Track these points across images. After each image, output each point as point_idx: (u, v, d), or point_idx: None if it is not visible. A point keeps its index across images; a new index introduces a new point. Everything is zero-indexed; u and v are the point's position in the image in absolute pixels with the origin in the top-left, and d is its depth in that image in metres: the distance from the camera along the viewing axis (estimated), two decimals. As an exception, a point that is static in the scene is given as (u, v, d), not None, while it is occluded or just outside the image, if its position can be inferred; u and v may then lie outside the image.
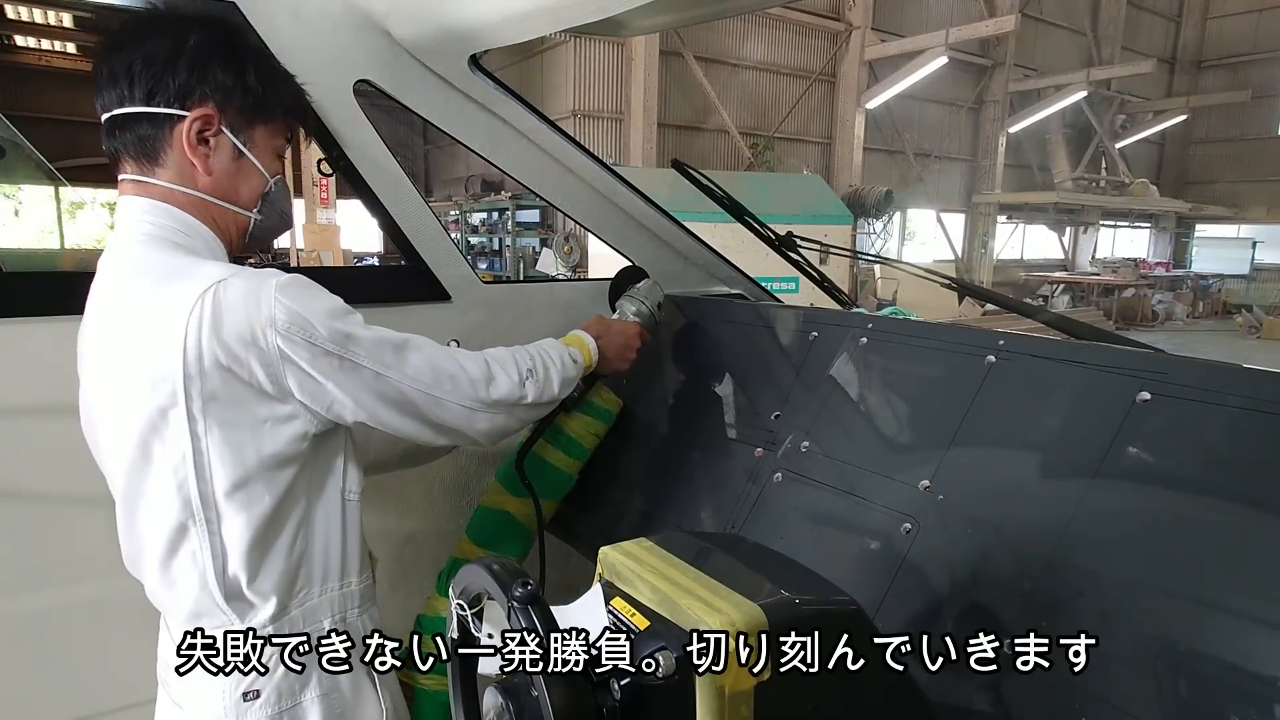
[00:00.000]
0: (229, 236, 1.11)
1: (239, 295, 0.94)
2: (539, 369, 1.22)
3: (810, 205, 9.93)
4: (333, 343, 0.98)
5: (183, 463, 0.96)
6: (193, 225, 1.05)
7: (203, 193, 1.06)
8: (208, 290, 0.93)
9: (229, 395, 0.95)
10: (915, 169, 16.31)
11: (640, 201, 1.84)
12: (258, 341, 0.94)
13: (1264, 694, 0.73)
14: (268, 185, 1.13)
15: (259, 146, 1.11)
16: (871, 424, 1.25)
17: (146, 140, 1.03)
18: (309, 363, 0.97)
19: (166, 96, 1.02)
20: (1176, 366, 0.93)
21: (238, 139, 1.08)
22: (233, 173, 1.08)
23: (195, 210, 1.06)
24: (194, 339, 0.92)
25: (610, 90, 12.71)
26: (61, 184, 11.85)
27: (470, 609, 0.74)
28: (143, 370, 0.95)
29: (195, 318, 0.92)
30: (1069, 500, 0.93)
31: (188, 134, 1.02)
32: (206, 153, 1.05)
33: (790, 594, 0.75)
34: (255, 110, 1.08)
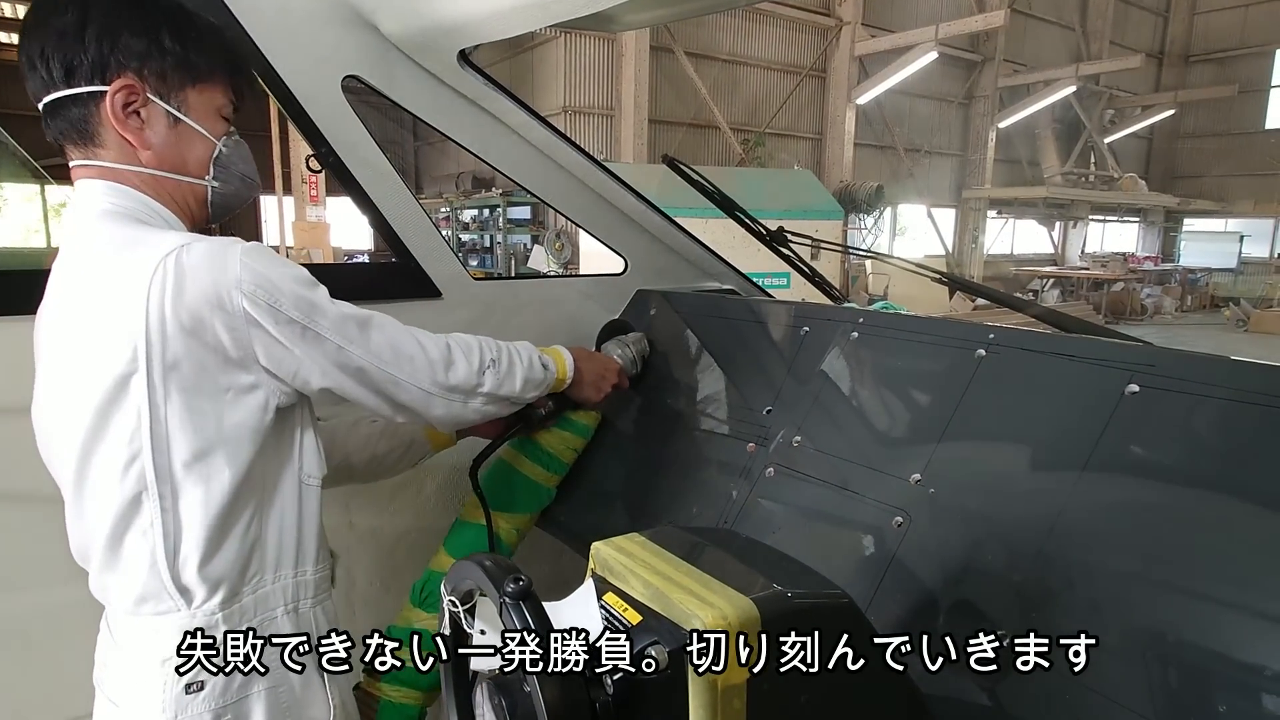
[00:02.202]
0: (188, 210, 1.08)
1: (203, 258, 0.91)
2: (502, 362, 1.20)
3: (801, 200, 9.95)
4: (298, 310, 0.97)
5: (139, 431, 0.93)
6: (149, 204, 1.02)
7: (148, 168, 1.02)
8: (170, 254, 0.91)
9: (192, 362, 0.93)
10: (906, 164, 16.35)
11: (631, 197, 1.84)
12: (223, 304, 0.92)
13: (1253, 683, 0.73)
14: (215, 149, 1.07)
15: (196, 109, 1.05)
16: (863, 418, 1.25)
17: (79, 123, 1.00)
18: (274, 328, 0.95)
19: (84, 74, 0.98)
20: (1165, 359, 0.93)
21: (169, 105, 1.02)
22: (173, 142, 1.03)
23: (147, 188, 1.03)
24: (156, 303, 0.90)
25: (601, 86, 12.68)
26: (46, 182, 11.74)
27: (462, 605, 0.74)
28: (103, 338, 0.92)
29: (158, 282, 0.90)
30: (1059, 492, 0.94)
31: (112, 109, 0.98)
32: (139, 125, 1.01)
33: (782, 588, 0.75)
34: (180, 72, 1.02)
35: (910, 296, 10.52)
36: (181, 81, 1.03)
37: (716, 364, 1.60)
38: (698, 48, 13.26)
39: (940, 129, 16.92)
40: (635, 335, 1.65)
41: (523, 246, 13.50)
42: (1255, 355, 0.91)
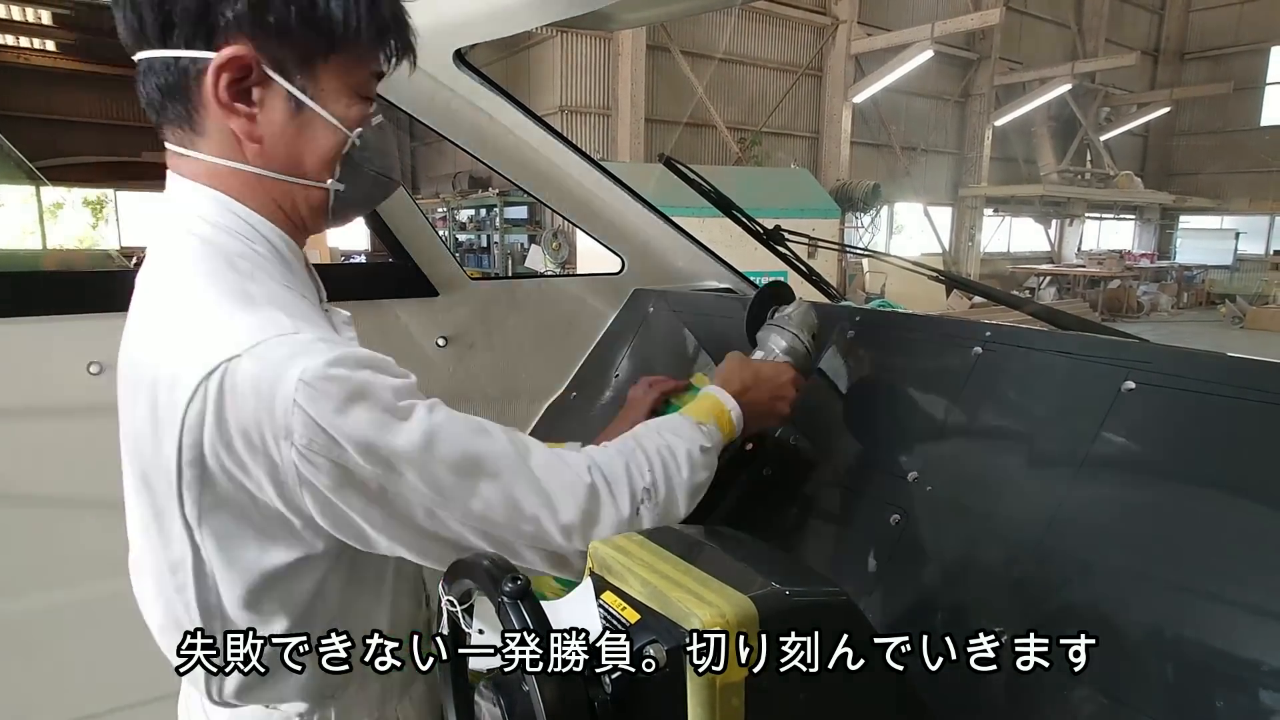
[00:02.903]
0: (299, 219, 0.83)
1: (249, 387, 0.67)
2: (659, 487, 0.86)
3: (798, 199, 9.96)
4: (369, 468, 0.70)
5: (183, 563, 0.76)
6: (252, 224, 0.79)
7: (252, 167, 0.77)
8: (211, 375, 0.67)
9: (233, 504, 0.73)
10: (902, 163, 16.36)
11: (628, 197, 1.84)
12: (269, 451, 0.68)
13: (1251, 678, 0.74)
14: (346, 143, 0.80)
15: (327, 90, 0.77)
16: (859, 416, 1.25)
17: (172, 96, 0.75)
18: (333, 489, 0.70)
19: (183, 31, 0.72)
20: (1161, 356, 0.93)
21: (292, 84, 0.75)
22: (292, 134, 0.77)
23: (250, 195, 0.78)
24: (192, 437, 0.69)
25: (597, 86, 12.68)
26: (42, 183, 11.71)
27: (460, 605, 0.74)
28: (145, 444, 0.75)
29: (195, 412, 0.68)
30: (1056, 489, 0.94)
31: (215, 88, 0.73)
32: (249, 111, 0.75)
33: (781, 586, 0.75)
34: (309, 36, 0.74)
35: (907, 295, 10.54)
36: (311, 49, 0.75)
37: (714, 363, 1.60)
38: (694, 47, 13.25)
39: (936, 127, 16.93)
40: (798, 311, 1.18)
41: (520, 246, 13.49)
42: (1251, 352, 0.91)
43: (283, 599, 0.78)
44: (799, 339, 1.15)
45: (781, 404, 1.08)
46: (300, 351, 0.68)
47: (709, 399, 1.01)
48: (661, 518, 0.87)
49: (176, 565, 0.76)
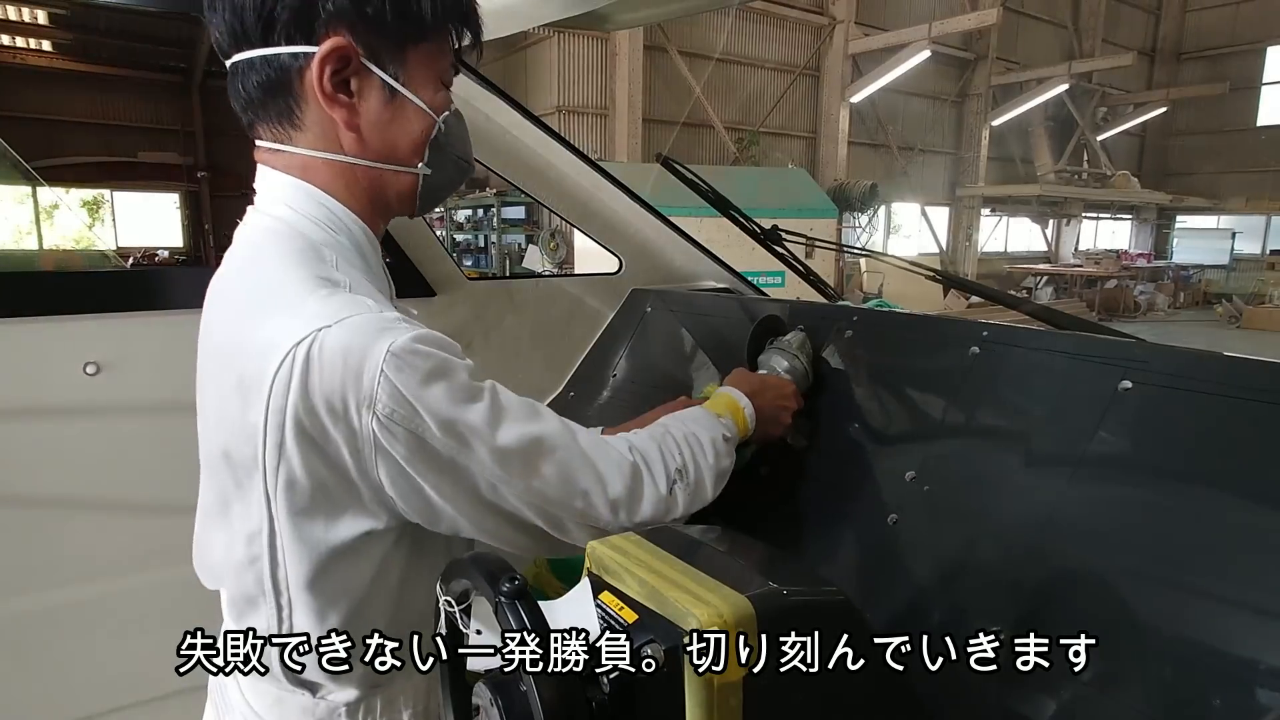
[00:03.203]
0: (385, 208, 0.87)
1: (338, 356, 0.70)
2: (689, 469, 0.92)
3: (795, 199, 9.97)
4: (445, 439, 0.74)
5: (259, 535, 0.78)
6: (339, 215, 0.82)
7: (349, 155, 0.81)
8: (301, 343, 0.70)
9: (311, 479, 0.74)
10: (900, 162, 16.39)
11: (625, 197, 1.84)
12: (349, 418, 0.71)
13: (1247, 677, 0.74)
14: (435, 128, 0.84)
15: (416, 76, 0.81)
16: (856, 416, 1.25)
17: (273, 93, 0.78)
18: (407, 459, 0.73)
19: (284, 28, 0.75)
20: (1158, 355, 0.94)
21: (385, 73, 0.79)
22: (386, 121, 0.81)
23: (341, 186, 0.82)
24: (278, 406, 0.71)
25: (595, 86, 12.68)
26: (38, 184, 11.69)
27: (457, 605, 0.74)
28: (232, 421, 0.76)
29: (283, 378, 0.70)
30: (1053, 489, 0.94)
31: (319, 79, 0.76)
32: (349, 100, 0.78)
33: (778, 586, 0.75)
34: (401, 25, 0.78)
35: (904, 294, 10.55)
36: (402, 38, 0.79)
37: (711, 363, 1.60)
38: (691, 47, 13.26)
39: (934, 127, 16.96)
40: (798, 338, 1.28)
41: (517, 246, 13.49)
42: (1248, 351, 0.91)
43: (345, 580, 0.80)
44: (798, 359, 1.25)
45: (785, 413, 1.15)
46: (388, 327, 0.72)
47: (725, 397, 1.08)
48: (692, 499, 0.92)
49: (253, 536, 0.78)
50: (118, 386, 1.37)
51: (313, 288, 0.75)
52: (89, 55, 13.37)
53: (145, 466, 1.39)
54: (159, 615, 1.39)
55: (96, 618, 1.43)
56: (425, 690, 0.90)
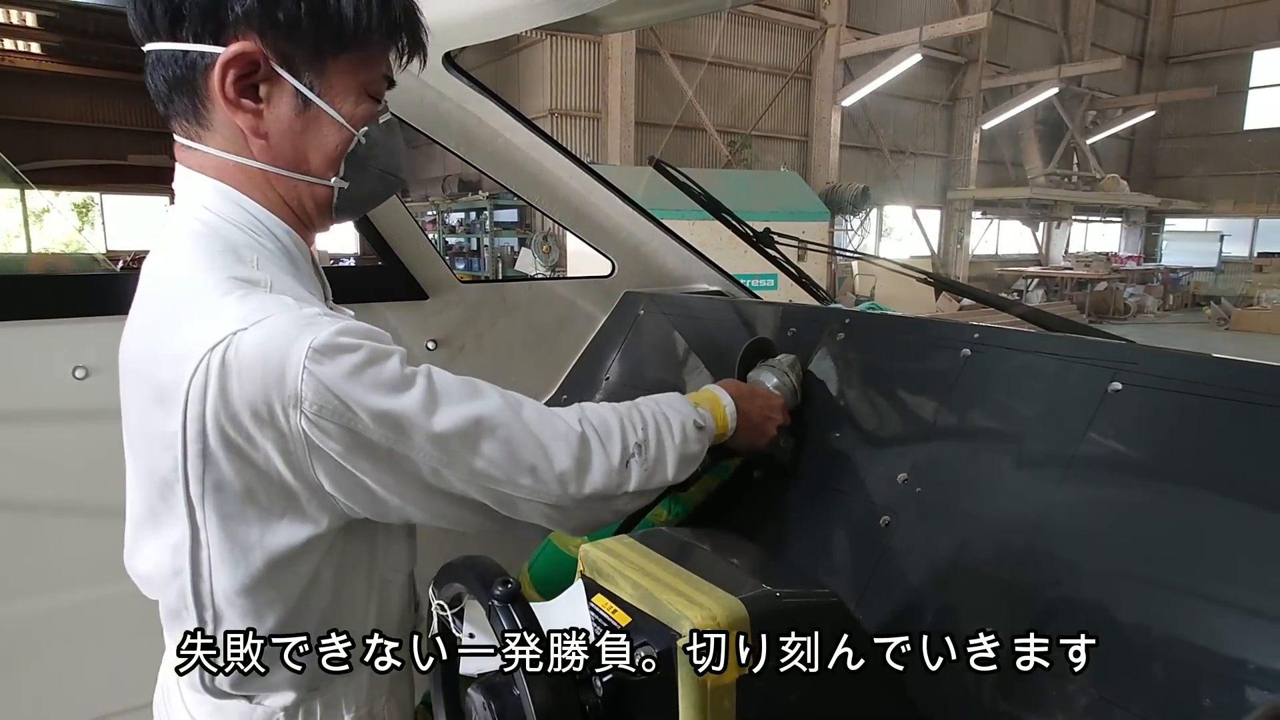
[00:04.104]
0: (305, 215, 0.83)
1: (256, 358, 0.67)
2: (650, 445, 0.89)
3: (788, 202, 9.98)
4: (379, 431, 0.71)
5: (181, 546, 0.75)
6: (259, 218, 0.79)
7: (258, 162, 0.77)
8: (216, 347, 0.67)
9: (239, 484, 0.72)
10: (891, 166, 16.44)
11: (618, 200, 1.84)
12: (276, 422, 0.68)
13: (1239, 675, 0.74)
14: (352, 141, 0.80)
15: (335, 87, 0.77)
16: (849, 418, 1.25)
17: (181, 89, 0.75)
18: (344, 455, 0.71)
19: (192, 25, 0.72)
20: (1147, 357, 0.94)
21: (299, 81, 0.75)
22: (298, 131, 0.77)
23: (256, 190, 0.79)
24: (196, 412, 0.68)
25: (587, 89, 12.69)
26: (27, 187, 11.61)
27: (450, 609, 0.74)
28: (152, 428, 0.73)
29: (198, 385, 0.67)
30: (1044, 490, 0.95)
31: (222, 83, 0.73)
32: (255, 107, 0.75)
33: (771, 588, 0.75)
34: (320, 33, 0.74)
35: (896, 297, 10.58)
36: (320, 47, 0.75)
37: (704, 366, 1.60)
38: (684, 50, 13.28)
39: (925, 130, 17.03)
40: (789, 359, 1.29)
41: (510, 249, 13.47)
42: (1236, 353, 0.92)
43: (279, 586, 0.77)
44: (788, 376, 1.26)
45: (770, 424, 1.13)
46: (309, 323, 0.69)
47: (708, 392, 1.07)
48: (649, 475, 0.88)
49: (177, 547, 0.75)
50: (107, 390, 1.36)
51: (228, 289, 0.71)
52: (78, 58, 13.29)
53: (135, 471, 1.38)
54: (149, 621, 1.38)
55: (87, 623, 1.41)
56: (368, 692, 0.88)
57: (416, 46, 0.84)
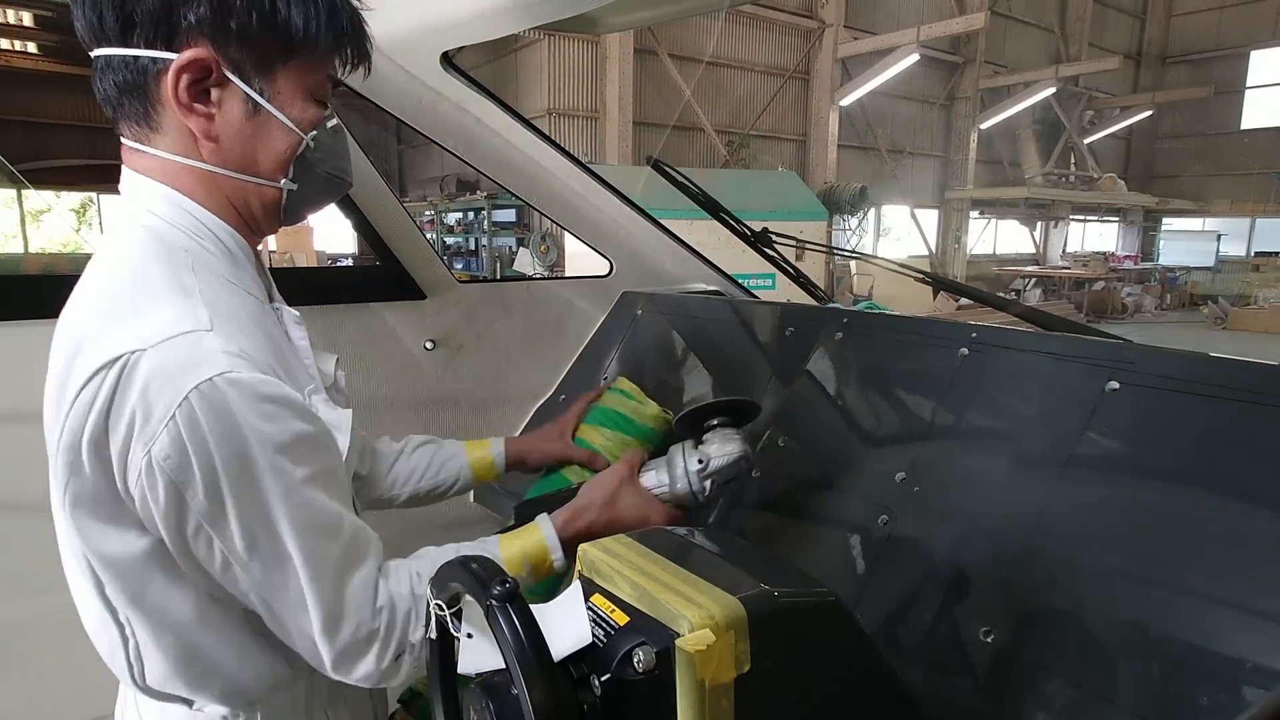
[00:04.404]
0: (250, 216, 0.84)
1: (142, 382, 0.67)
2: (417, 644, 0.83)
3: (786, 202, 9.99)
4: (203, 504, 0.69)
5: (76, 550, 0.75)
6: (203, 222, 0.80)
7: (207, 164, 0.79)
8: (116, 361, 0.67)
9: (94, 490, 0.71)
10: (889, 165, 16.46)
11: (616, 199, 1.84)
12: (125, 450, 0.68)
13: (1234, 674, 0.74)
14: (301, 145, 0.82)
15: (284, 92, 0.79)
16: (847, 418, 1.25)
17: (131, 94, 0.76)
18: (160, 510, 0.69)
19: (144, 31, 0.73)
20: (1144, 356, 0.94)
21: (249, 87, 0.77)
22: (248, 135, 0.78)
23: (202, 192, 0.80)
24: (77, 418, 0.68)
25: (585, 88, 12.68)
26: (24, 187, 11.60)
27: (449, 609, 0.73)
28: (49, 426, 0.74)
29: (86, 397, 0.68)
30: (1042, 489, 0.95)
31: (175, 88, 0.74)
32: (207, 111, 0.76)
33: (769, 587, 0.75)
34: (269, 39, 0.76)
35: (894, 297, 10.59)
36: (270, 53, 0.77)
37: (702, 365, 1.60)
38: (682, 50, 13.29)
39: (923, 130, 17.05)
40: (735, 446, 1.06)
41: (508, 249, 13.47)
42: (1233, 352, 0.92)
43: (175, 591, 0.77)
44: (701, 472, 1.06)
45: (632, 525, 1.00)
46: (207, 359, 0.68)
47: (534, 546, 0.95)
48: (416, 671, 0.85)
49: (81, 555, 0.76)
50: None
51: (145, 292, 0.72)
52: (76, 58, 13.26)
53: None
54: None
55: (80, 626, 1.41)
56: (306, 704, 0.87)
57: (362, 56, 0.85)
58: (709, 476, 1.06)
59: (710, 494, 1.07)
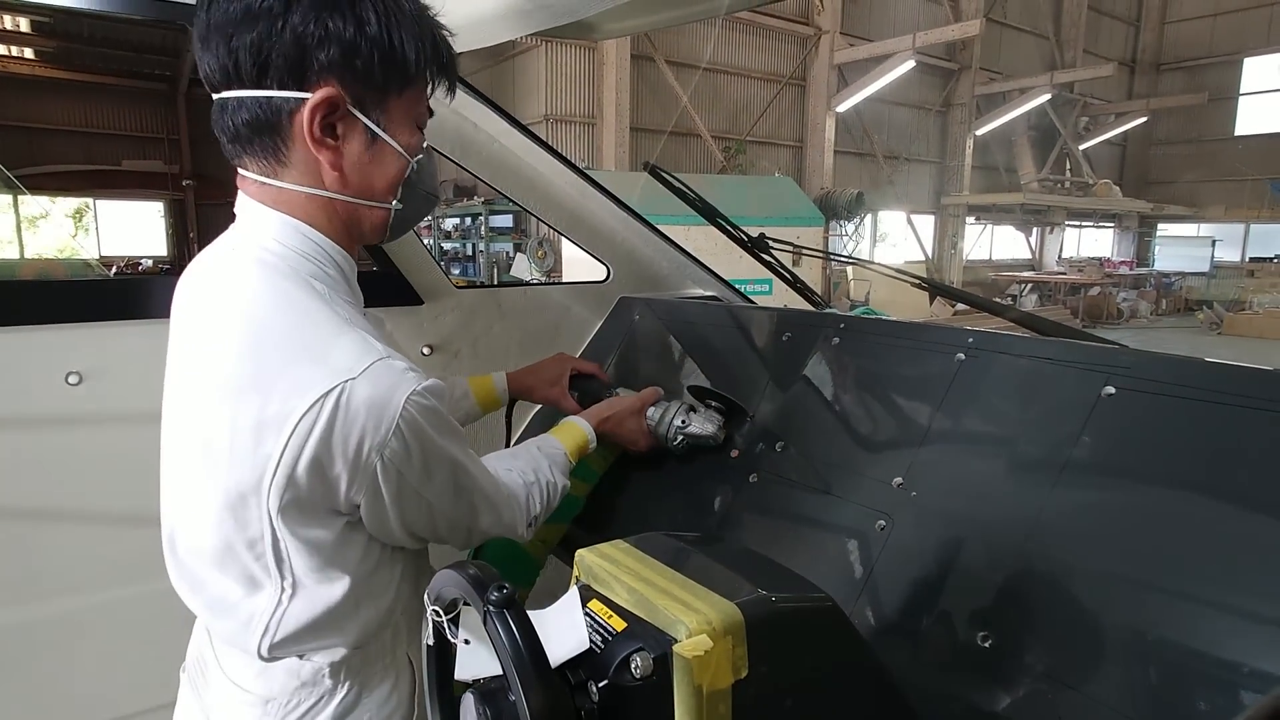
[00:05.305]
0: (360, 236, 0.94)
1: (363, 406, 0.79)
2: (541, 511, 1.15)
3: (782, 207, 10.01)
4: (419, 477, 0.86)
5: (261, 540, 0.85)
6: (323, 246, 0.89)
7: (331, 191, 0.87)
8: (331, 392, 0.78)
9: (311, 499, 0.83)
10: (885, 171, 16.51)
11: (613, 205, 1.85)
12: (359, 457, 0.81)
13: (1230, 679, 0.74)
14: (409, 168, 0.91)
15: (395, 121, 0.88)
16: (845, 423, 1.26)
17: (263, 132, 0.83)
18: (390, 492, 0.85)
19: (278, 74, 0.80)
20: (1140, 361, 0.95)
21: (369, 119, 0.85)
22: (366, 163, 0.87)
23: (323, 218, 0.88)
24: (298, 442, 0.79)
25: (582, 94, 12.71)
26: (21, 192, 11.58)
27: (446, 614, 0.73)
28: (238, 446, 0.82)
29: (308, 421, 0.78)
30: (1038, 494, 0.95)
31: (309, 125, 0.81)
32: (335, 144, 0.84)
33: (767, 592, 0.75)
34: (386, 75, 0.84)
35: (891, 302, 10.62)
36: (386, 87, 0.85)
37: (700, 370, 1.60)
38: (678, 56, 13.33)
39: (919, 136, 17.11)
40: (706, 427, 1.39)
41: (505, 254, 13.47)
42: (1229, 357, 0.92)
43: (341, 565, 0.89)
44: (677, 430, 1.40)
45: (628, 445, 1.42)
46: (401, 379, 0.82)
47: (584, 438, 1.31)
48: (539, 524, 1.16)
49: (254, 542, 0.85)
50: (100, 396, 1.36)
51: (330, 333, 0.82)
52: (73, 63, 13.27)
53: (128, 477, 1.37)
54: (143, 628, 1.37)
55: (81, 631, 1.41)
56: (391, 645, 1.00)
57: (454, 83, 0.96)
58: (682, 435, 1.39)
59: (678, 446, 1.40)
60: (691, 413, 1.41)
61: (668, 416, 1.42)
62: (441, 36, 0.90)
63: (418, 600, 0.98)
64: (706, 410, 1.42)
